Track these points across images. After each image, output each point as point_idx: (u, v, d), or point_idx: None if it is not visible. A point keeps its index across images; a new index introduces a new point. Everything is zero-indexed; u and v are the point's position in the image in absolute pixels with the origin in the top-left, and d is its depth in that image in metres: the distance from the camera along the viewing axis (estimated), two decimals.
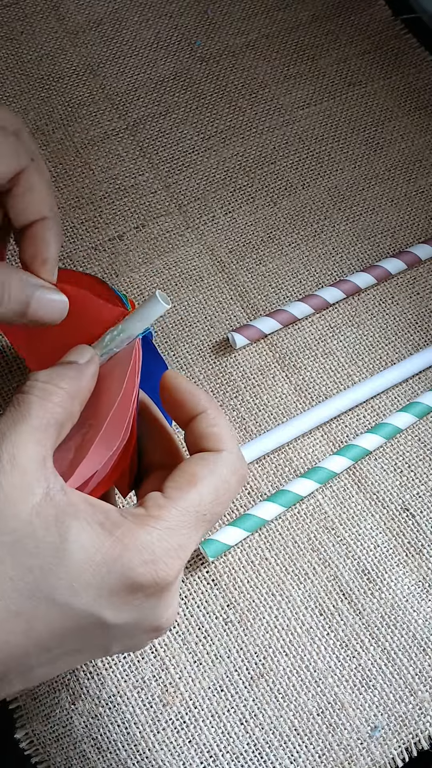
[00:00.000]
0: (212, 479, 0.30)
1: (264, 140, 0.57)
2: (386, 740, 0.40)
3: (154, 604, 0.29)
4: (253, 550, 0.44)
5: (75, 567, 0.27)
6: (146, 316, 0.32)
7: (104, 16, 0.61)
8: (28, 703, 0.41)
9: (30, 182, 0.32)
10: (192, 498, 0.30)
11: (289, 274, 0.52)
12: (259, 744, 0.40)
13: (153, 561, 0.28)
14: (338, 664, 0.42)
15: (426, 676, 0.41)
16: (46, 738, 0.40)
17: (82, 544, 0.27)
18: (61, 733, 0.40)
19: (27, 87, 0.58)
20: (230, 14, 0.62)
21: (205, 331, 0.50)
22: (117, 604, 0.28)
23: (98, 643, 0.29)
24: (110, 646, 0.30)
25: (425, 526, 0.45)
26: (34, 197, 0.32)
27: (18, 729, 0.40)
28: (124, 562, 0.27)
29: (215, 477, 0.30)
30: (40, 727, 0.40)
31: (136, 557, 0.28)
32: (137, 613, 0.29)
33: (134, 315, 0.33)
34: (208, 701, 0.41)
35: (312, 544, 0.44)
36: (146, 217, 0.53)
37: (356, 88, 0.60)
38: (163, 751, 0.39)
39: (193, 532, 0.30)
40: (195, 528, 0.30)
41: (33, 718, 0.40)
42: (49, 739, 0.40)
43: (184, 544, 0.29)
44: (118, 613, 0.28)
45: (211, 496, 0.30)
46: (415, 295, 0.52)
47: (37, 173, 0.32)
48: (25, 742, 0.40)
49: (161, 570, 0.28)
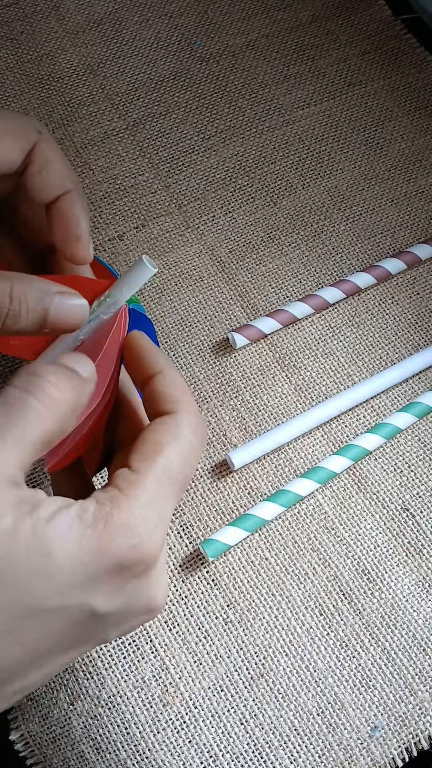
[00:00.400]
0: (176, 443, 0.30)
1: (264, 140, 0.57)
2: (386, 740, 0.40)
3: (144, 584, 0.29)
4: (253, 550, 0.44)
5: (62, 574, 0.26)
6: (133, 281, 0.32)
7: (104, 16, 0.61)
8: (24, 703, 0.40)
9: (45, 156, 0.31)
10: (161, 466, 0.29)
11: (289, 274, 0.52)
12: (259, 744, 0.40)
13: (139, 542, 0.27)
14: (338, 664, 0.42)
15: (426, 676, 0.41)
16: (43, 739, 0.40)
17: (66, 552, 0.26)
18: (59, 734, 0.40)
19: (27, 87, 0.58)
20: (230, 14, 0.62)
21: (205, 331, 0.50)
22: (107, 593, 0.27)
23: (94, 634, 0.29)
24: (107, 635, 0.30)
25: (425, 526, 0.45)
26: (52, 171, 0.31)
27: (13, 730, 0.40)
28: (111, 552, 0.27)
29: (179, 440, 0.30)
30: (37, 728, 0.40)
31: (122, 543, 0.27)
32: (128, 596, 0.28)
33: (121, 280, 0.32)
34: (208, 701, 0.41)
35: (312, 544, 0.44)
36: (146, 217, 0.53)
37: (356, 88, 0.60)
38: (163, 751, 0.39)
39: (170, 500, 0.29)
40: (170, 495, 0.29)
41: (29, 719, 0.40)
42: (46, 740, 0.40)
43: (164, 515, 0.29)
44: (109, 601, 0.28)
45: (179, 460, 0.29)
46: (415, 295, 0.52)
47: (48, 146, 0.31)
48: (21, 743, 0.40)
49: (147, 548, 0.28)
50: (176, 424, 0.30)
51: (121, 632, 0.30)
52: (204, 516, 0.45)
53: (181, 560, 0.44)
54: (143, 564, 0.28)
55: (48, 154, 0.31)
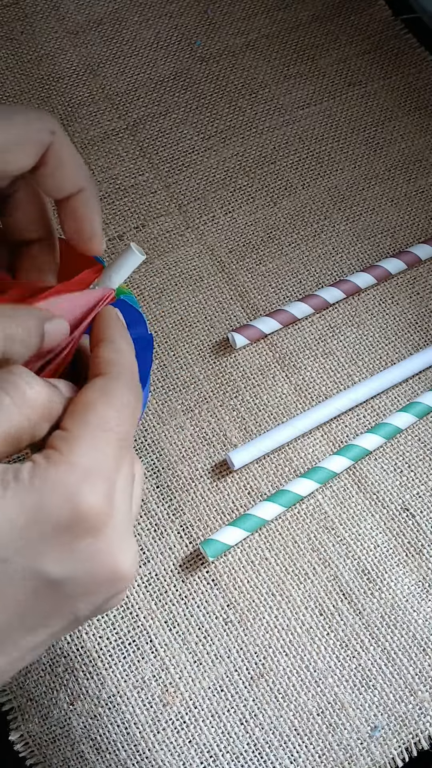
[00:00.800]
0: (107, 399, 0.29)
1: (264, 140, 0.57)
2: (386, 740, 0.40)
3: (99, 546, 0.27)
4: (253, 550, 0.44)
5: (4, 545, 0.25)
6: (122, 268, 0.32)
7: (104, 16, 0.61)
8: (24, 704, 0.40)
9: (58, 157, 0.30)
10: (93, 422, 0.28)
11: (289, 274, 0.52)
12: (259, 744, 0.40)
13: (77, 497, 0.26)
14: (338, 664, 0.42)
15: (426, 676, 0.41)
16: (42, 739, 0.40)
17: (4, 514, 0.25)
18: (59, 734, 0.40)
19: (27, 87, 0.58)
20: (230, 14, 0.62)
21: (205, 331, 0.50)
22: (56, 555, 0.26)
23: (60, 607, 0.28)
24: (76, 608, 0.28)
25: (425, 526, 0.45)
26: (66, 171, 0.31)
27: (12, 731, 0.40)
28: (48, 509, 0.26)
29: (109, 396, 0.29)
30: (37, 728, 0.40)
31: (54, 499, 0.26)
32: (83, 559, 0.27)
33: (110, 267, 0.32)
34: (208, 701, 0.41)
35: (312, 544, 0.44)
36: (146, 217, 0.53)
37: (356, 88, 0.60)
38: (163, 751, 0.39)
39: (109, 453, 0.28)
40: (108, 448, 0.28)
41: (29, 719, 0.40)
42: (45, 741, 0.40)
43: (104, 468, 0.28)
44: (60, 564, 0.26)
45: (113, 413, 0.29)
46: (415, 295, 0.52)
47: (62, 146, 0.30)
48: (20, 743, 0.40)
49: (88, 503, 0.27)
50: (106, 383, 0.29)
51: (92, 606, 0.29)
52: (204, 516, 0.45)
53: (181, 560, 0.44)
54: (88, 521, 0.27)
55: (61, 154, 0.30)
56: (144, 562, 0.43)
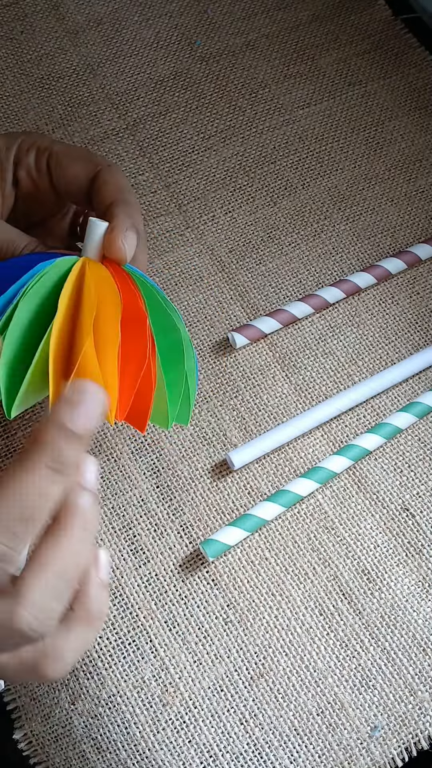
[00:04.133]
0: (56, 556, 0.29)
1: (264, 140, 0.57)
2: (386, 740, 0.40)
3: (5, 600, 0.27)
4: (253, 550, 0.44)
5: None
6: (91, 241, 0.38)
7: (104, 16, 0.61)
8: (27, 703, 0.41)
9: (103, 178, 0.41)
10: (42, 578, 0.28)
11: (289, 274, 0.52)
12: (259, 744, 0.40)
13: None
14: (338, 664, 0.42)
15: (426, 676, 0.41)
16: (45, 738, 0.40)
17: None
18: (61, 734, 0.40)
19: (27, 87, 0.58)
20: (230, 14, 0.62)
21: (205, 331, 0.50)
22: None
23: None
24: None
25: (425, 526, 0.45)
26: (108, 189, 0.41)
27: (16, 729, 0.40)
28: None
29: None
30: (39, 727, 0.40)
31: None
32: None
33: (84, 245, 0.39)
34: (208, 701, 0.41)
35: (312, 544, 0.44)
36: (146, 217, 0.53)
37: (356, 87, 0.60)
38: (163, 751, 0.39)
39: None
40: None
41: (32, 718, 0.40)
42: (48, 740, 0.40)
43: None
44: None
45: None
46: (415, 295, 0.52)
47: (107, 172, 0.41)
48: (24, 742, 0.40)
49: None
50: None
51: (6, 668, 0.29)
52: (204, 516, 0.45)
53: (181, 560, 0.44)
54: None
55: (106, 176, 0.41)
56: (144, 562, 0.44)
